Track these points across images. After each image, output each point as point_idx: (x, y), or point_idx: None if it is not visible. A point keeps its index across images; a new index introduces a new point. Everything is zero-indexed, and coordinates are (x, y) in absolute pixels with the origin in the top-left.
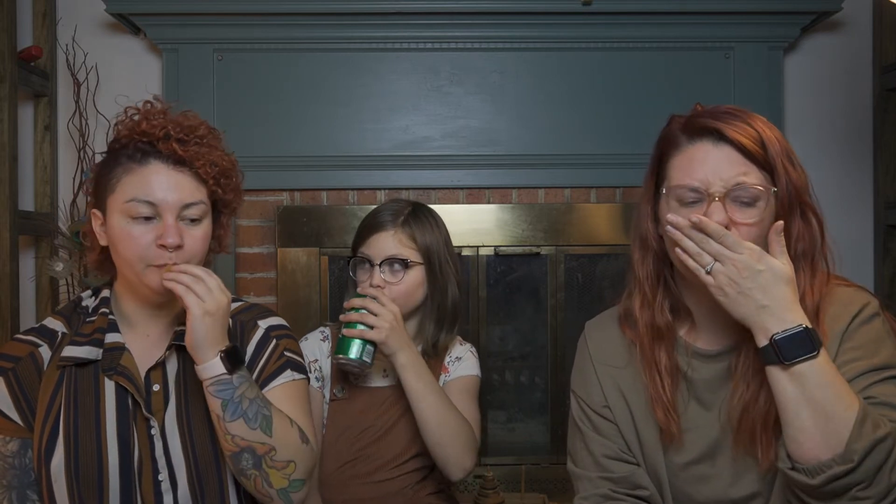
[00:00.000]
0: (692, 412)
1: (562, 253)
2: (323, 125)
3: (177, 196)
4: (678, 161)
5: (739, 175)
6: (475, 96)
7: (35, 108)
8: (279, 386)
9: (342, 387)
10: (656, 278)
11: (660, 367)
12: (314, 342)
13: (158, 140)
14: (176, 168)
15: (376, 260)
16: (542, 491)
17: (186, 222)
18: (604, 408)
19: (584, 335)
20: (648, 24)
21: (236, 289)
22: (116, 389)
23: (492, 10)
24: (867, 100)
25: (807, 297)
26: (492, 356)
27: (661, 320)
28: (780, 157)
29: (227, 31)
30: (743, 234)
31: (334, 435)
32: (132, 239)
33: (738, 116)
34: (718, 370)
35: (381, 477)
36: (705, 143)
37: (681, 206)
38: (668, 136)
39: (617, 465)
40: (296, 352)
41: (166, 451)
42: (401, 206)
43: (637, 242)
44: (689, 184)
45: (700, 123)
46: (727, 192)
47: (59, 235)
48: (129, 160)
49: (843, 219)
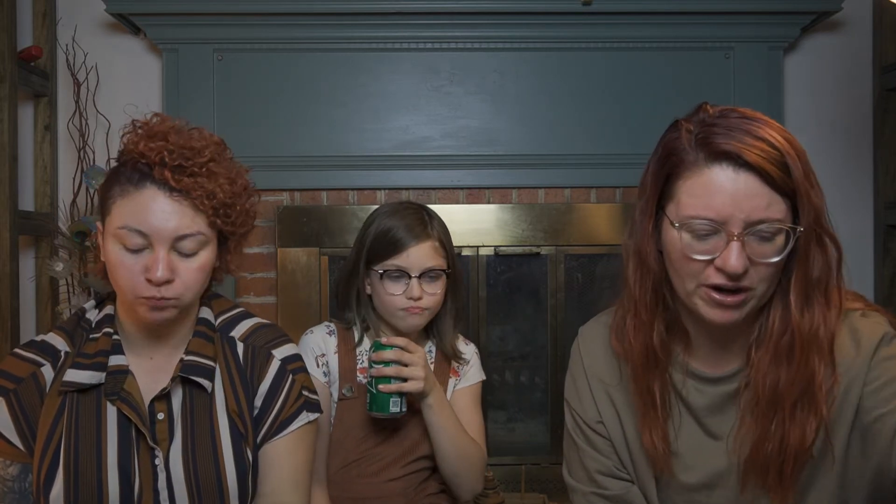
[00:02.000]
0: (692, 437)
1: (562, 253)
2: (323, 125)
3: (171, 226)
4: (691, 186)
5: (762, 209)
6: (475, 96)
7: (35, 108)
8: (295, 431)
9: (351, 386)
10: (654, 302)
11: (653, 396)
12: (320, 336)
13: (155, 165)
14: (172, 195)
15: (414, 272)
16: (542, 491)
17: (179, 255)
18: (598, 423)
19: (578, 343)
20: (648, 24)
21: (236, 289)
22: (119, 416)
23: (492, 10)
24: (867, 100)
25: (821, 330)
26: (492, 356)
27: (656, 341)
28: (803, 182)
29: (227, 31)
30: (759, 273)
31: (341, 433)
32: (123, 268)
33: (753, 132)
34: (719, 395)
35: (386, 477)
36: (725, 169)
37: (694, 239)
38: (677, 151)
39: (611, 483)
40: (311, 389)
41: (169, 483)
42: (419, 214)
43: (634, 259)
44: (704, 215)
45: (718, 146)
46: (746, 227)
47: (59, 235)
48: (127, 182)
49: (843, 219)
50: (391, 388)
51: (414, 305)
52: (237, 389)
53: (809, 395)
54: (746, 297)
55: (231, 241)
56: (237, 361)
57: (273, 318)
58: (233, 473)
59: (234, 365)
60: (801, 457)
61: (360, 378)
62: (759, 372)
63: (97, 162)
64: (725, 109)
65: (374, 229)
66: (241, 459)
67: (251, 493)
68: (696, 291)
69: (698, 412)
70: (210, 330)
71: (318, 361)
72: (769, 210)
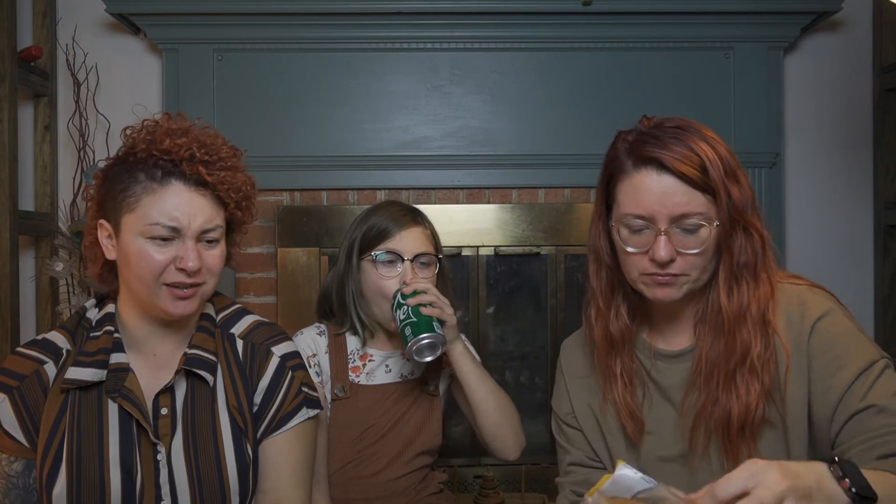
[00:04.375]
0: (664, 413)
1: (562, 253)
2: (323, 125)
3: (199, 220)
4: (625, 187)
5: (682, 205)
6: (475, 96)
7: (35, 108)
8: (295, 427)
9: (343, 386)
10: (610, 290)
11: (615, 373)
12: (310, 336)
13: (182, 161)
14: (197, 190)
15: (408, 255)
16: (542, 491)
17: (203, 243)
18: (569, 415)
19: (560, 353)
20: (648, 24)
21: (236, 289)
22: (120, 412)
23: (492, 10)
24: (867, 100)
25: (752, 306)
26: (492, 356)
27: (615, 328)
28: (722, 180)
29: (227, 31)
30: (688, 262)
31: (336, 434)
32: (150, 258)
33: (680, 139)
34: (683, 371)
35: (385, 477)
36: (650, 172)
37: (630, 234)
38: (615, 158)
39: (580, 470)
40: (310, 385)
41: (171, 477)
42: (406, 206)
43: (592, 255)
44: (635, 212)
45: (644, 152)
46: (671, 222)
47: (59, 235)
48: (150, 179)
49: (843, 219)
50: (433, 312)
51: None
52: (237, 385)
53: (749, 366)
54: (679, 279)
55: (235, 233)
56: (237, 358)
57: (273, 317)
58: (234, 469)
59: (234, 361)
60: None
61: (353, 377)
62: (702, 346)
63: (97, 162)
64: (661, 120)
65: (363, 223)
66: (242, 455)
67: (251, 489)
68: (639, 278)
69: (668, 391)
70: (212, 325)
71: (309, 361)
72: (689, 206)
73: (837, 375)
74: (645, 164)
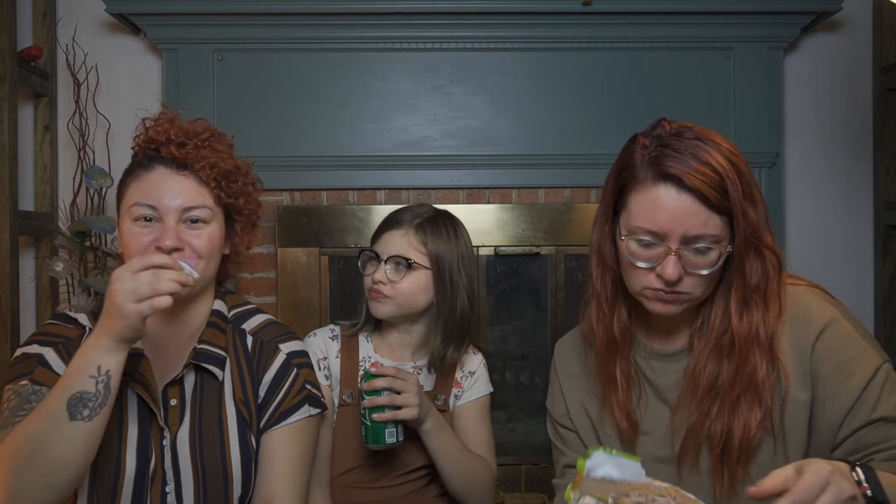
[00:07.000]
0: (659, 414)
1: (562, 253)
2: (323, 125)
3: (179, 200)
4: (639, 199)
5: (697, 227)
6: (475, 96)
7: (35, 108)
8: (295, 423)
9: (351, 392)
10: (614, 294)
11: (615, 378)
12: (322, 339)
13: (161, 145)
14: (179, 172)
15: (383, 256)
16: (542, 491)
17: (188, 224)
18: (563, 416)
19: (554, 353)
20: (648, 24)
21: (236, 289)
22: (138, 397)
23: (492, 10)
24: (867, 100)
25: (760, 330)
26: (492, 356)
27: (616, 329)
28: (740, 202)
29: (227, 31)
30: (694, 281)
31: (340, 440)
32: (133, 238)
33: (701, 156)
34: (678, 371)
35: (386, 483)
36: (669, 189)
37: (639, 247)
38: (630, 166)
39: (571, 471)
40: (315, 384)
41: (175, 463)
42: (423, 210)
43: (595, 256)
44: (647, 227)
45: (665, 168)
46: (683, 242)
47: (59, 235)
48: (138, 167)
49: (843, 219)
50: (385, 417)
51: (376, 289)
52: (244, 377)
53: (753, 389)
54: (682, 297)
55: (238, 222)
56: (245, 351)
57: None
58: (237, 459)
59: (243, 355)
60: (744, 445)
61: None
62: (699, 362)
63: (97, 162)
64: (681, 128)
65: None
66: (246, 446)
67: (254, 479)
68: (641, 291)
69: (663, 391)
70: (223, 321)
71: (319, 364)
72: (705, 227)
73: (846, 383)
74: (665, 179)
